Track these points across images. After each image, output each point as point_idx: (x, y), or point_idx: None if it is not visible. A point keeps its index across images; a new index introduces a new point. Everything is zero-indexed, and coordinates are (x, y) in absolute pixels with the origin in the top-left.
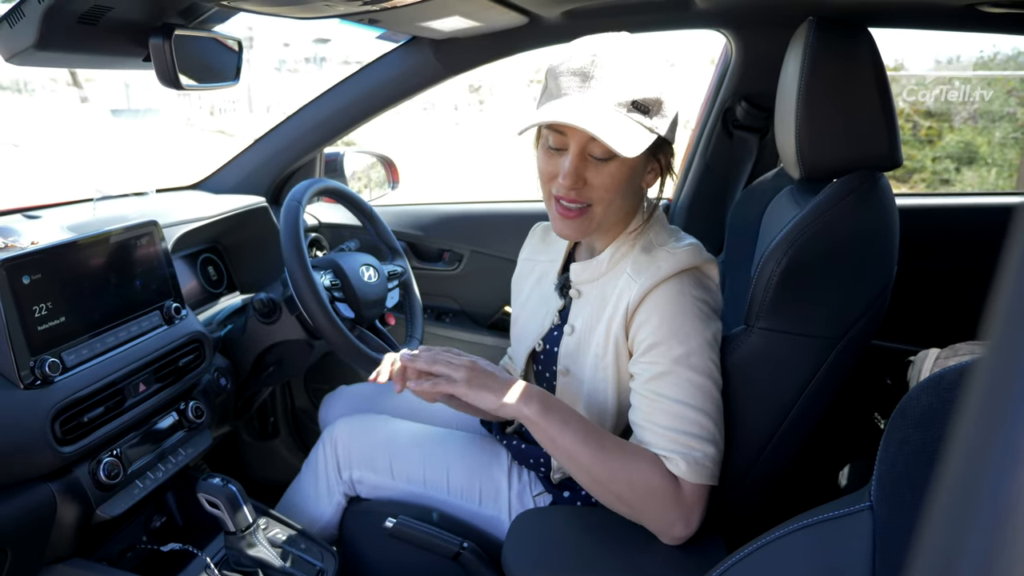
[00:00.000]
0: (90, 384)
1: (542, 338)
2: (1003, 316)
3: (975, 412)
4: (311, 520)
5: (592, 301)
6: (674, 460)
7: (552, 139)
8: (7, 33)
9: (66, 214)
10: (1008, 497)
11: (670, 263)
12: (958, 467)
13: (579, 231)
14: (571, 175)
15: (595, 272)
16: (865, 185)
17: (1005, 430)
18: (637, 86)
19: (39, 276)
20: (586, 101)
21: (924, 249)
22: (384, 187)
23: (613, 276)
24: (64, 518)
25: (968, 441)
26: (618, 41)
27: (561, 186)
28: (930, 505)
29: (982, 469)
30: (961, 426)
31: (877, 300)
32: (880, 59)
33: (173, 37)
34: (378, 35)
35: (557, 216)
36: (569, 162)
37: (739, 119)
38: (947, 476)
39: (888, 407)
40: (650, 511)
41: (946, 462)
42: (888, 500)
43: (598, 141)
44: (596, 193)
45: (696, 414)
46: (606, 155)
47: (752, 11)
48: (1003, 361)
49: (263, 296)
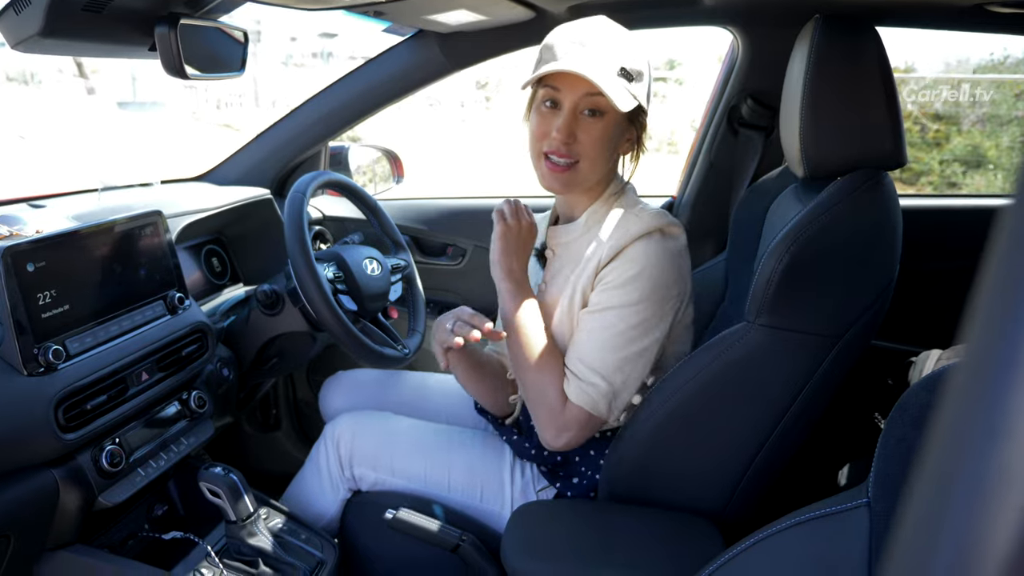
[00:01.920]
0: (93, 372)
1: None
2: (980, 318)
3: (952, 414)
4: (315, 515)
5: (565, 260)
6: (569, 380)
7: (547, 98)
8: (13, 20)
9: (71, 203)
10: (983, 492)
11: (639, 224)
12: (934, 463)
13: (566, 185)
14: (564, 129)
15: (571, 235)
16: (869, 184)
17: (979, 435)
18: (625, 55)
19: (43, 264)
20: (583, 61)
21: (928, 249)
22: (389, 181)
23: (586, 239)
24: (66, 505)
25: (943, 440)
26: (606, 21)
27: (554, 139)
28: (906, 501)
29: (958, 463)
30: (936, 425)
31: (879, 299)
32: (886, 58)
33: (179, 26)
34: (384, 28)
35: (546, 172)
36: (563, 118)
37: (744, 117)
38: (923, 472)
39: (889, 407)
40: (539, 414)
41: (922, 462)
42: (886, 497)
43: (591, 98)
44: (583, 149)
45: (605, 354)
46: (596, 111)
47: (759, 8)
48: (979, 364)
49: (266, 288)
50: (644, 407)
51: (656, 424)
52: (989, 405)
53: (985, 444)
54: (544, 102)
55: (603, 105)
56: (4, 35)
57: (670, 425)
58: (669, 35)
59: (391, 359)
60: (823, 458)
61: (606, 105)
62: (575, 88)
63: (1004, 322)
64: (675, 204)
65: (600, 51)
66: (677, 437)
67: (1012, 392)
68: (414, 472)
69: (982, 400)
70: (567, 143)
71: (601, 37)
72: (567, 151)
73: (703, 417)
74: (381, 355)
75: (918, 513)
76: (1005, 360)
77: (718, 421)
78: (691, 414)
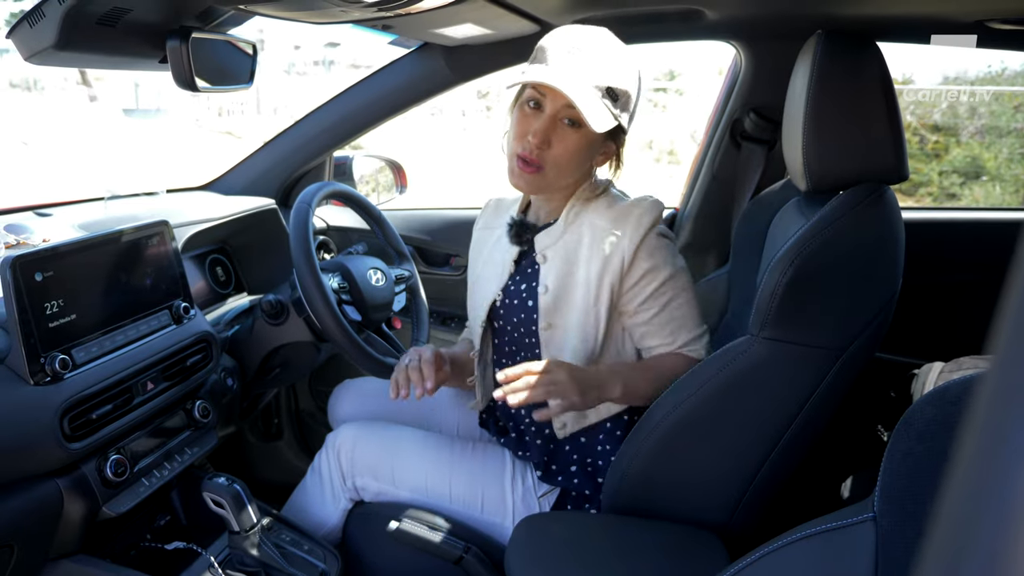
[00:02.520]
0: (99, 381)
1: (501, 289)
2: (1009, 330)
3: (980, 426)
4: (317, 525)
5: (559, 260)
6: (696, 349)
7: (531, 100)
8: (27, 33)
9: (77, 212)
10: (1013, 507)
11: (650, 214)
12: (964, 478)
13: (533, 186)
14: (540, 133)
15: (555, 236)
16: (871, 198)
17: (1009, 445)
18: (614, 75)
19: (51, 274)
20: (571, 73)
21: (930, 262)
22: (392, 191)
23: (573, 234)
24: (70, 514)
25: (973, 454)
26: (604, 33)
27: (529, 143)
28: (935, 515)
29: (988, 479)
30: (966, 439)
31: (881, 312)
32: (888, 73)
33: (190, 40)
34: (390, 41)
35: (515, 169)
36: (542, 122)
37: (747, 131)
38: (952, 487)
39: (892, 420)
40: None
41: (951, 473)
42: (891, 512)
43: (572, 109)
44: (553, 157)
45: (697, 316)
46: (575, 123)
47: (762, 24)
48: (1009, 376)
49: (271, 297)
50: (647, 419)
51: (660, 436)
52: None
53: (1016, 464)
54: (528, 102)
55: (582, 119)
56: (18, 48)
57: (674, 437)
58: (670, 46)
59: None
60: (827, 470)
61: (584, 120)
62: (558, 97)
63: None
64: (678, 216)
65: (589, 65)
66: (681, 449)
67: None
68: (415, 482)
69: (1013, 414)
70: (540, 147)
71: (594, 50)
72: (537, 156)
73: (707, 430)
74: (385, 365)
75: (946, 533)
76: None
77: (722, 434)
78: (695, 426)
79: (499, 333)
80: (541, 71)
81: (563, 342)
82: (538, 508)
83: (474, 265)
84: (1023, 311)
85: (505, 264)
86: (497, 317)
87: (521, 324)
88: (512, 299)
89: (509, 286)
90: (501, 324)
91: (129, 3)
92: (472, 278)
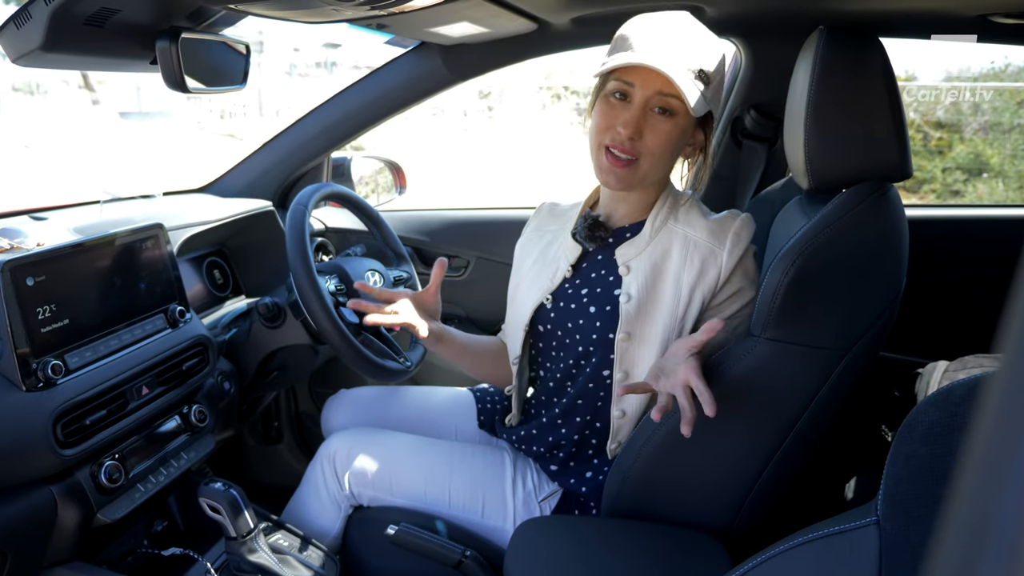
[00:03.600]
0: (93, 387)
1: (552, 292)
2: (1019, 330)
3: (988, 429)
4: (317, 534)
5: (644, 269)
6: None
7: (618, 90)
8: (14, 35)
9: (72, 216)
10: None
11: (748, 230)
12: (971, 484)
13: (625, 181)
14: (632, 124)
15: (640, 247)
16: (874, 196)
17: (1019, 449)
18: (704, 58)
19: (43, 278)
20: (664, 56)
21: (934, 260)
22: (391, 192)
23: (661, 244)
24: (64, 521)
25: (981, 459)
26: (687, 16)
27: (619, 134)
28: (942, 523)
29: (996, 487)
30: (974, 443)
31: (885, 311)
32: (891, 69)
33: (180, 40)
34: (386, 40)
35: (606, 165)
36: (632, 112)
37: (748, 128)
38: (960, 493)
39: (896, 419)
40: None
41: (958, 479)
42: (895, 515)
43: (663, 97)
44: (647, 147)
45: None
46: (667, 111)
47: (762, 20)
48: (1019, 375)
49: (268, 300)
50: (648, 421)
51: (661, 438)
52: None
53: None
54: (613, 93)
55: (675, 105)
56: (5, 49)
57: (675, 440)
58: None
59: (393, 372)
60: (830, 471)
61: (678, 105)
62: (649, 83)
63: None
64: None
65: (679, 48)
66: (682, 451)
67: None
68: (413, 490)
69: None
70: (632, 138)
71: (681, 33)
72: (631, 147)
73: (709, 431)
74: (383, 368)
75: (955, 535)
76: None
77: (724, 435)
78: (697, 428)
79: (544, 337)
80: (631, 56)
81: (639, 353)
82: (539, 512)
83: (520, 267)
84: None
85: (560, 267)
86: (544, 320)
87: (578, 331)
88: (569, 303)
89: (565, 288)
90: (548, 328)
91: (117, 3)
92: (515, 280)
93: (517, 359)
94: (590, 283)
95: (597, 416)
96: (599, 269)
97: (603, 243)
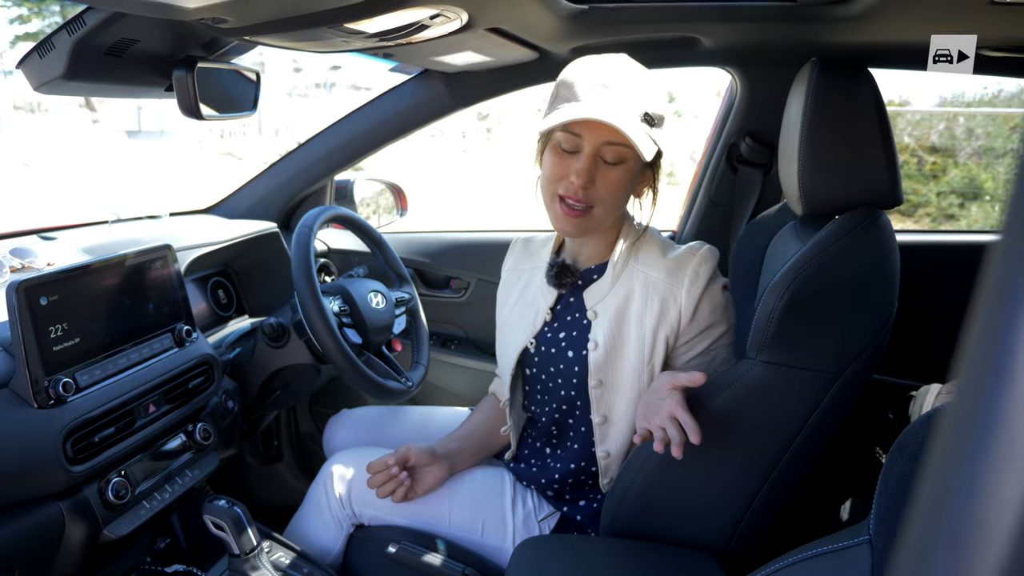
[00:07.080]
0: (102, 404)
1: (534, 336)
2: (972, 353)
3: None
4: (319, 552)
5: (609, 313)
6: None
7: (566, 142)
8: (37, 64)
9: (81, 236)
10: (969, 527)
11: (708, 264)
12: (928, 497)
13: (581, 228)
14: (584, 174)
15: (604, 289)
16: (866, 223)
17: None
18: (649, 99)
19: (56, 298)
20: (607, 106)
21: (926, 285)
22: (393, 214)
23: (623, 287)
24: (71, 537)
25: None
26: (627, 60)
27: (571, 184)
28: (903, 534)
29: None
30: (930, 465)
31: (878, 335)
32: (881, 100)
33: (196, 69)
34: (391, 68)
35: (561, 215)
36: (583, 162)
37: (743, 155)
38: (917, 507)
39: (890, 442)
40: None
41: (917, 493)
42: (886, 534)
43: (613, 147)
44: (600, 194)
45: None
46: (616, 159)
47: (756, 51)
48: (972, 399)
49: (272, 320)
50: (646, 443)
51: (658, 460)
52: (970, 462)
53: (965, 502)
54: (562, 143)
55: (625, 153)
56: (28, 78)
57: (672, 461)
58: (667, 69)
59: (395, 391)
60: (825, 492)
61: (628, 153)
62: (597, 134)
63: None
64: (675, 239)
65: (623, 95)
66: (679, 473)
67: (992, 451)
68: (412, 509)
69: (963, 457)
70: (585, 187)
71: (624, 79)
72: (584, 195)
73: (705, 453)
74: (385, 387)
75: (908, 562)
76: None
77: (721, 457)
78: (693, 450)
79: (531, 380)
80: (579, 108)
81: (613, 399)
82: (539, 531)
83: (502, 308)
84: (984, 334)
85: (540, 310)
86: (530, 364)
87: (559, 375)
88: (549, 347)
89: (545, 332)
90: (534, 371)
91: (136, 34)
92: (500, 321)
93: (507, 402)
94: (567, 327)
95: (588, 457)
96: (573, 312)
97: (572, 286)
